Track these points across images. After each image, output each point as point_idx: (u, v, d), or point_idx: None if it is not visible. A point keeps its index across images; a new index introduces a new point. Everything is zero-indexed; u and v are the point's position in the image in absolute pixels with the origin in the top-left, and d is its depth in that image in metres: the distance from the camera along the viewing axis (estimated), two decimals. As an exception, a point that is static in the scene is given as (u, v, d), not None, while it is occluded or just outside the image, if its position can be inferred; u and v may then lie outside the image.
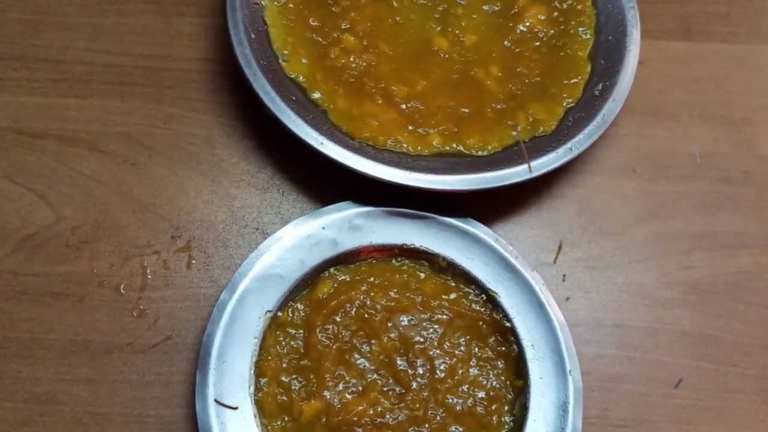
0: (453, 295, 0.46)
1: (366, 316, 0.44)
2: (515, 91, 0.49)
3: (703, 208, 0.50)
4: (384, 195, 0.46)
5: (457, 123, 0.48)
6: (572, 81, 0.49)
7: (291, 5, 0.50)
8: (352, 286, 0.45)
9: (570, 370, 0.43)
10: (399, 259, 0.46)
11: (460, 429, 0.43)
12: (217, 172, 0.50)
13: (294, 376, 0.43)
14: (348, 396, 0.43)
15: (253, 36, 0.47)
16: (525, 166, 0.45)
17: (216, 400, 0.41)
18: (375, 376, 0.44)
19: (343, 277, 0.46)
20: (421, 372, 0.44)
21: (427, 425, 0.42)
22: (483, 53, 0.51)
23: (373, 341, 0.44)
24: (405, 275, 0.46)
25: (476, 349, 0.45)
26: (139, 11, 0.53)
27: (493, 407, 0.43)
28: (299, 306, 0.45)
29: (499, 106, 0.49)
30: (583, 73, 0.50)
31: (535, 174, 0.45)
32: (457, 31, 0.51)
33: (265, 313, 0.44)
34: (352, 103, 0.47)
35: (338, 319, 0.44)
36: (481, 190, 0.45)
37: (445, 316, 0.45)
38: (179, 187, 0.49)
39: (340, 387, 0.43)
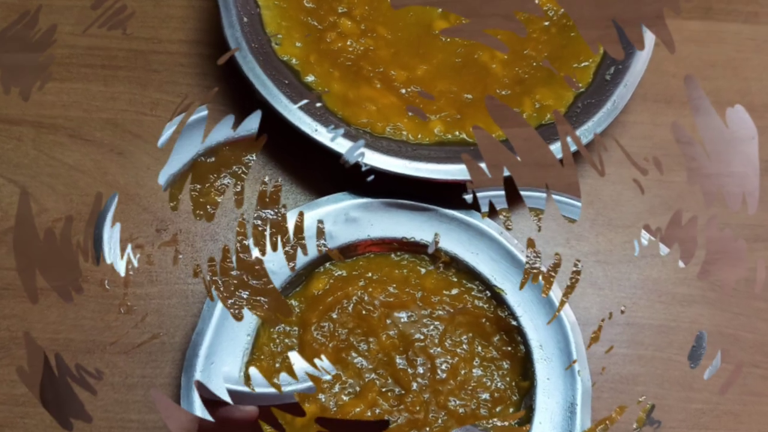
0: (455, 291, 0.45)
1: (363, 312, 0.44)
2: (522, 75, 0.49)
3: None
4: (382, 185, 0.45)
5: (460, 109, 0.47)
6: (583, 64, 0.48)
7: (284, -14, 0.49)
8: (348, 282, 0.44)
9: (579, 371, 0.42)
10: (398, 253, 0.46)
11: (463, 432, 0.42)
12: (205, 161, 0.49)
13: (287, 377, 0.42)
14: (344, 397, 0.42)
15: (245, 19, 0.47)
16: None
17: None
18: (373, 375, 0.43)
19: (340, 273, 0.45)
20: (421, 371, 0.43)
21: (428, 429, 0.42)
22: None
23: (370, 339, 0.44)
24: (404, 270, 0.45)
25: (480, 348, 0.44)
26: (128, -7, 0.52)
27: (497, 409, 0.43)
28: (293, 302, 0.44)
29: (504, 92, 0.48)
30: (595, 55, 0.48)
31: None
32: (459, 13, 0.50)
33: (258, 310, 0.43)
34: (349, 86, 0.47)
35: (334, 316, 0.44)
36: (485, 181, 0.44)
37: (445, 313, 0.44)
38: (165, 177, 0.48)
39: (336, 388, 0.42)
